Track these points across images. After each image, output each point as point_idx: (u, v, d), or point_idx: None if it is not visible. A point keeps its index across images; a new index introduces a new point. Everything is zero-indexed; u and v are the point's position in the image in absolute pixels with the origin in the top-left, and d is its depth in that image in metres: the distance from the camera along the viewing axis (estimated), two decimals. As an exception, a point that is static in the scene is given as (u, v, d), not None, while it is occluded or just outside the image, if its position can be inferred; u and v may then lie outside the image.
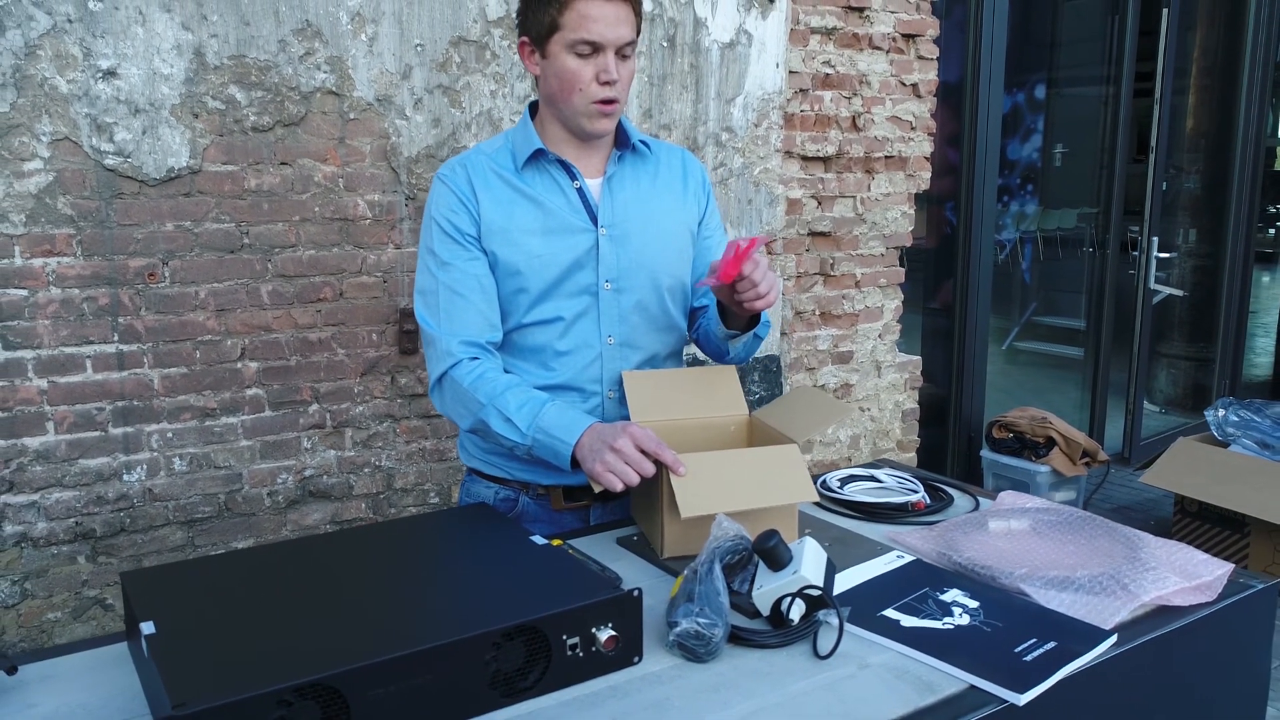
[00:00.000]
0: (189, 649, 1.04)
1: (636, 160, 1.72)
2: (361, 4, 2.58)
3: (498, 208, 1.62)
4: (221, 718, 0.91)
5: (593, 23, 1.51)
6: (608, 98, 1.56)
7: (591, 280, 1.65)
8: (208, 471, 2.62)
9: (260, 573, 1.29)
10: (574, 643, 1.13)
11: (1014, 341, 6.07)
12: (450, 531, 1.44)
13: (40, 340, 2.38)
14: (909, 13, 3.46)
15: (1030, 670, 1.20)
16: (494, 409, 1.54)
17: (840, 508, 1.75)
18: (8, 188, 2.28)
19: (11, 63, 2.24)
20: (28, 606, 2.44)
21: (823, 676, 1.18)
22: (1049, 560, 1.52)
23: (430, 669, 1.03)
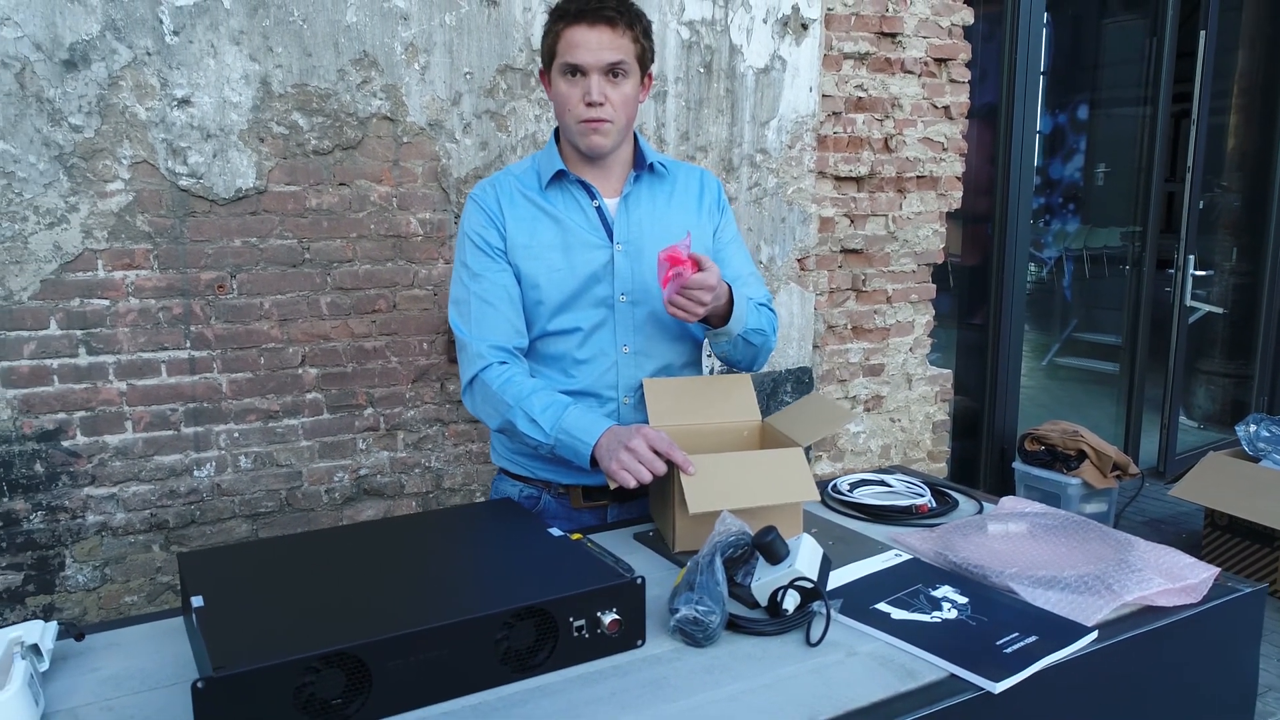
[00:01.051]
0: (231, 620, 1.17)
1: (653, 180, 1.83)
2: (415, 35, 2.76)
3: (522, 225, 1.75)
4: (255, 680, 1.04)
5: (575, 48, 1.64)
6: (591, 117, 1.67)
7: (608, 293, 1.76)
8: (270, 469, 2.81)
9: (300, 556, 1.43)
10: (580, 625, 1.24)
11: (1054, 357, 6.09)
12: (475, 523, 1.58)
13: (120, 346, 2.58)
14: (941, 37, 3.56)
15: (1008, 661, 1.28)
16: (520, 410, 1.65)
17: (847, 509, 1.86)
18: (92, 206, 2.50)
19: (96, 92, 2.46)
20: (107, 590, 2.65)
21: (811, 662, 1.28)
22: (1040, 561, 1.61)
23: (446, 643, 1.15)
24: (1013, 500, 1.89)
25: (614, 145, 1.74)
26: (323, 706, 1.09)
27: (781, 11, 3.26)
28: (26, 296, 2.46)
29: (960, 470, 4.42)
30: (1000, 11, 4.06)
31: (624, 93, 1.69)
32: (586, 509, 1.83)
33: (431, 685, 1.16)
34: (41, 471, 2.54)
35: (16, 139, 2.38)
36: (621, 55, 1.66)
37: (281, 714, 1.06)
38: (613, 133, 1.71)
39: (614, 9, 1.65)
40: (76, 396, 2.55)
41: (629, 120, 1.74)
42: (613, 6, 1.65)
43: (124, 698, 1.18)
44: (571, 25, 1.64)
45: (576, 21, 1.64)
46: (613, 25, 1.64)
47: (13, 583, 2.54)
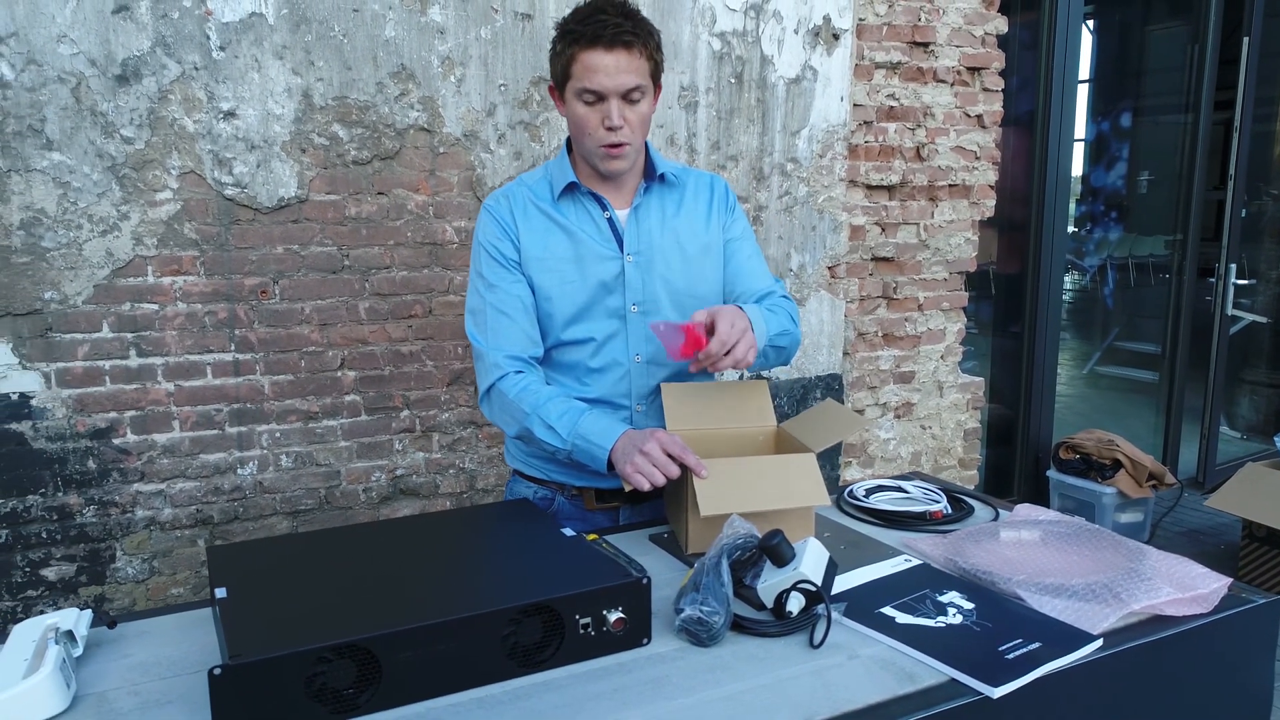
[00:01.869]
0: (251, 611, 1.23)
1: (664, 190, 1.84)
2: (451, 49, 2.84)
3: (535, 237, 1.77)
4: (269, 668, 1.10)
5: (594, 73, 1.63)
6: (613, 142, 1.68)
7: (620, 304, 1.79)
8: (310, 468, 2.91)
9: (321, 551, 1.49)
10: (586, 622, 1.29)
11: (1095, 366, 6.01)
12: (491, 522, 1.63)
13: (168, 349, 2.69)
14: (974, 46, 3.56)
15: (1009, 667, 1.29)
16: (537, 418, 1.69)
17: (862, 514, 1.89)
18: (142, 215, 2.61)
19: (147, 106, 2.57)
20: (155, 582, 2.76)
21: (813, 664, 1.31)
22: (1049, 568, 1.61)
23: (454, 637, 1.20)
24: (1027, 508, 1.90)
25: (631, 165, 1.76)
26: (334, 696, 1.15)
27: (813, 22, 3.29)
28: (81, 301, 2.57)
29: (994, 478, 4.40)
30: (1038, 19, 4.04)
31: (641, 113, 1.70)
32: (599, 510, 1.87)
33: (440, 678, 1.21)
34: (94, 468, 2.65)
35: (72, 150, 2.50)
36: (639, 79, 1.66)
37: (294, 702, 1.12)
38: (630, 154, 1.73)
39: (631, 31, 1.63)
40: (127, 396, 2.66)
41: (644, 137, 1.76)
42: (629, 29, 1.63)
43: (151, 683, 1.25)
44: (588, 49, 1.63)
45: (593, 45, 1.62)
46: (629, 48, 1.63)
47: (66, 574, 2.66)
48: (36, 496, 2.60)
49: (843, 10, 3.32)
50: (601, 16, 1.63)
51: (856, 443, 3.66)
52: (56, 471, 2.61)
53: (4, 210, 2.46)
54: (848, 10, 3.33)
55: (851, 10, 3.34)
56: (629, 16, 1.65)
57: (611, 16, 1.63)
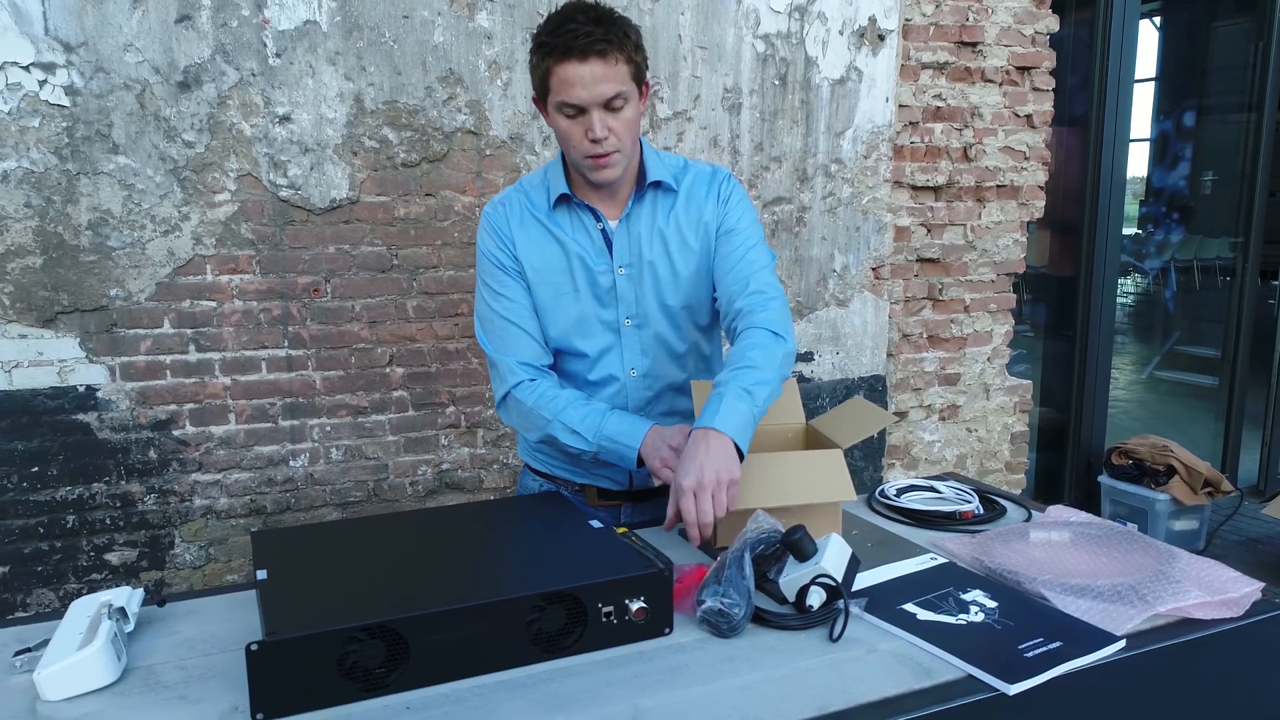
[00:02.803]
0: (289, 592, 1.29)
1: (657, 196, 1.76)
2: (498, 53, 2.91)
3: (532, 248, 1.74)
4: (302, 646, 1.16)
5: (570, 86, 1.54)
6: (598, 153, 1.60)
7: (614, 317, 1.76)
8: (359, 461, 3.00)
9: (359, 537, 1.55)
10: (608, 611, 1.33)
11: (1154, 370, 5.89)
12: (522, 513, 1.68)
13: (225, 344, 2.80)
14: (1024, 46, 3.52)
15: (1028, 665, 1.29)
16: (559, 423, 1.69)
17: (891, 513, 1.90)
18: (202, 216, 2.72)
19: (207, 111, 2.68)
20: (210, 569, 2.87)
21: (830, 657, 1.33)
22: (1076, 569, 1.61)
23: (480, 622, 1.24)
24: (1060, 509, 1.89)
25: (623, 172, 1.68)
26: (364, 674, 1.20)
27: (858, 23, 3.29)
28: (144, 298, 2.69)
29: (1044, 483, 4.34)
30: (1093, 17, 3.98)
31: (626, 118, 1.61)
32: (601, 508, 1.87)
33: (465, 660, 1.26)
34: (155, 458, 2.77)
35: (137, 154, 2.62)
36: (619, 86, 1.57)
37: (327, 678, 1.18)
38: (620, 161, 1.65)
39: (603, 38, 1.54)
40: (186, 390, 2.78)
41: (634, 142, 1.68)
42: (601, 36, 1.54)
43: (196, 659, 1.32)
44: (562, 61, 1.54)
45: (566, 57, 1.53)
46: (604, 56, 1.54)
47: (128, 559, 2.78)
48: (101, 484, 2.73)
49: (889, 11, 3.32)
50: (571, 26, 1.53)
51: (900, 444, 3.65)
52: (120, 461, 2.74)
53: (73, 211, 2.58)
54: (894, 11, 3.32)
55: (898, 11, 3.33)
56: (600, 22, 1.55)
57: (582, 25, 1.53)
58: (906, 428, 3.66)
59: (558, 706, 1.20)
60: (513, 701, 1.21)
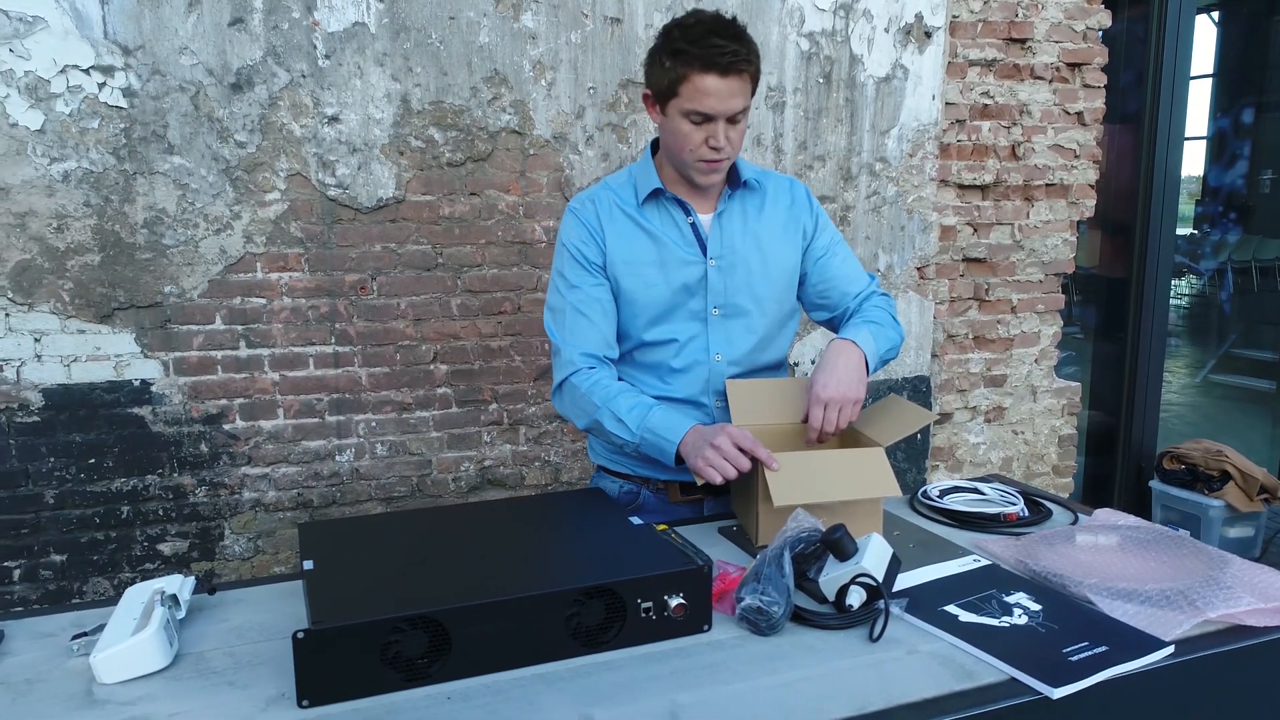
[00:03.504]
0: (334, 583, 1.32)
1: (747, 195, 1.88)
2: (542, 53, 2.93)
3: (621, 241, 1.82)
4: (347, 634, 1.18)
5: (706, 97, 1.65)
6: (713, 159, 1.72)
7: (701, 307, 1.84)
8: (403, 457, 3.04)
9: (403, 530, 1.58)
10: (647, 607, 1.33)
11: (1209, 374, 5.75)
12: (564, 509, 1.70)
13: (274, 340, 2.86)
14: (1075, 42, 3.46)
15: (1072, 669, 1.28)
16: (608, 410, 1.75)
17: (934, 514, 1.88)
18: (253, 214, 2.77)
19: (259, 112, 2.73)
20: (258, 560, 2.93)
21: (870, 657, 1.32)
22: (1124, 573, 1.58)
23: (520, 614, 1.26)
24: (1108, 513, 1.86)
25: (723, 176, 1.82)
26: (407, 664, 1.22)
27: (904, 20, 3.26)
28: (196, 294, 2.75)
29: (1093, 487, 4.27)
30: (1147, 12, 3.90)
31: (741, 130, 1.74)
32: (683, 503, 1.92)
33: (506, 652, 1.27)
34: (206, 451, 2.83)
35: (191, 154, 2.68)
36: (746, 101, 1.70)
37: (371, 667, 1.20)
38: (726, 167, 1.78)
39: (745, 58, 1.65)
40: (237, 385, 2.84)
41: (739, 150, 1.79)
42: (744, 56, 1.65)
43: (245, 646, 1.35)
44: (702, 74, 1.64)
45: (707, 70, 1.63)
46: (740, 75, 1.65)
47: (179, 549, 2.85)
48: (155, 476, 2.80)
49: (935, 8, 3.28)
50: (717, 41, 1.63)
51: (944, 446, 3.61)
52: (173, 454, 2.80)
53: (130, 210, 2.65)
54: (941, 8, 3.29)
55: (945, 8, 3.30)
56: (740, 40, 1.66)
57: (728, 43, 1.63)
58: (951, 429, 3.62)
59: (596, 700, 1.21)
60: (551, 694, 1.22)
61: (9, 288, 2.59)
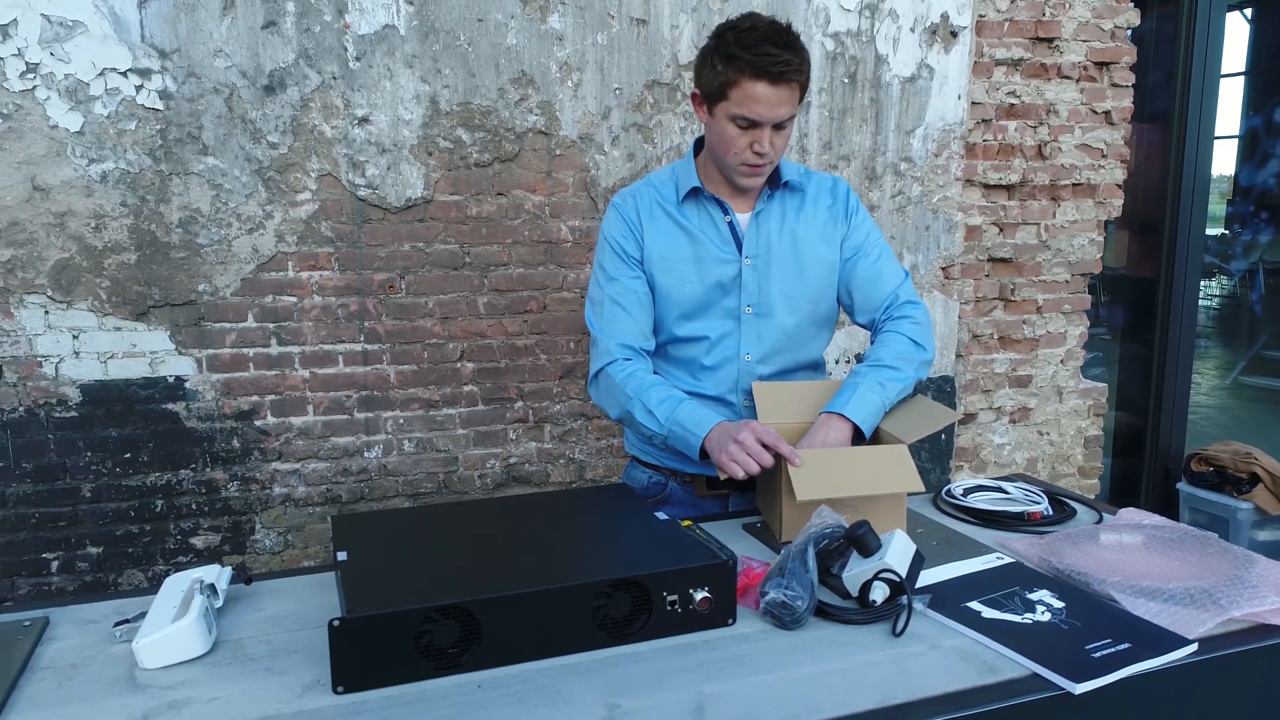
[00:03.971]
0: (368, 573, 1.35)
1: (786, 196, 1.90)
2: (569, 55, 2.96)
3: (659, 238, 1.87)
4: (381, 623, 1.21)
5: (755, 103, 1.68)
6: (756, 163, 1.75)
7: (735, 305, 1.87)
8: (430, 454, 3.07)
9: (433, 523, 1.62)
10: (673, 599, 1.36)
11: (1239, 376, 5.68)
12: (590, 504, 1.72)
13: (305, 338, 2.90)
14: (1103, 41, 3.45)
15: (1095, 665, 1.28)
16: (639, 402, 1.79)
17: (958, 513, 1.89)
18: (284, 214, 2.82)
19: (290, 114, 2.78)
20: (288, 554, 2.98)
21: (893, 651, 1.34)
22: (1147, 571, 1.58)
23: (549, 606, 1.29)
24: (1132, 512, 1.86)
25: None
26: (438, 653, 1.25)
27: (930, 20, 3.26)
28: (229, 293, 2.80)
29: (1120, 489, 4.24)
30: (1177, 10, 3.87)
31: (786, 136, 1.76)
32: (710, 497, 1.95)
33: (535, 642, 1.30)
34: (238, 447, 2.89)
35: (225, 155, 2.73)
36: (793, 109, 1.72)
37: (404, 655, 1.23)
38: (768, 171, 1.81)
39: (797, 69, 1.67)
40: (268, 382, 2.88)
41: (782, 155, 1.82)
42: (796, 66, 1.67)
43: (281, 634, 1.39)
44: (753, 80, 1.66)
45: (758, 78, 1.66)
46: (790, 83, 1.68)
47: (212, 542, 2.90)
48: (188, 471, 2.85)
49: (962, 8, 3.28)
50: (771, 50, 1.65)
51: (969, 446, 3.61)
52: (205, 449, 2.86)
53: (165, 210, 2.71)
54: (967, 7, 3.29)
55: (971, 7, 3.29)
56: (793, 49, 1.68)
57: (781, 51, 1.65)
58: (975, 430, 3.61)
59: (623, 690, 1.23)
60: (579, 683, 1.25)
61: (49, 286, 2.65)
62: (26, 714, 1.17)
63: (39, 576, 2.78)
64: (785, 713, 1.18)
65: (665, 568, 1.37)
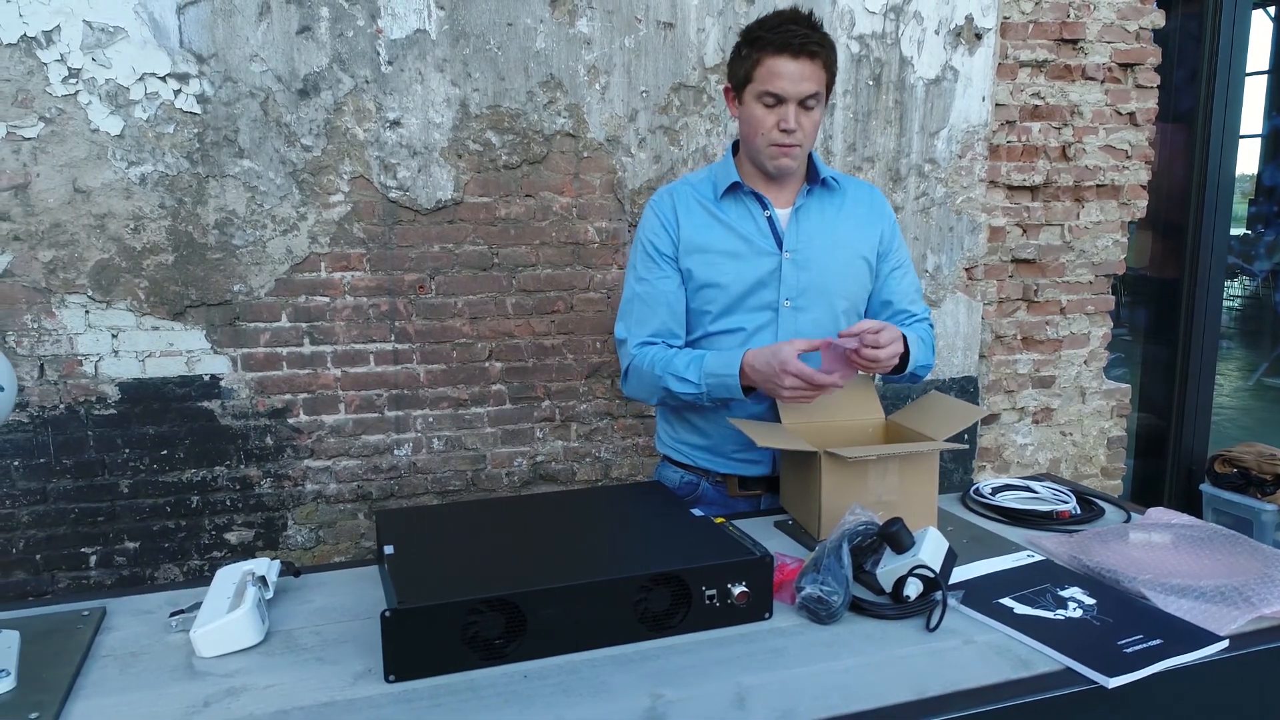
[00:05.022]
0: (415, 566, 1.39)
1: (825, 194, 1.94)
2: (596, 58, 2.99)
3: (696, 230, 1.90)
4: (431, 614, 1.25)
5: (777, 78, 1.75)
6: (784, 142, 1.80)
7: (773, 298, 1.90)
8: (459, 452, 3.12)
9: (475, 518, 1.65)
10: (711, 594, 1.39)
11: (1262, 377, 5.66)
12: (627, 500, 1.76)
13: (337, 337, 2.95)
14: (1127, 42, 3.45)
15: (1127, 660, 1.31)
16: (669, 375, 1.84)
17: (987, 511, 1.91)
18: (318, 216, 2.87)
19: (324, 117, 2.82)
20: (319, 550, 3.03)
21: (928, 646, 1.37)
22: (1178, 569, 1.60)
23: (591, 599, 1.33)
24: (1160, 511, 1.88)
25: (798, 166, 1.88)
26: (486, 643, 1.29)
27: (954, 22, 3.28)
28: (264, 293, 2.85)
29: (1142, 490, 4.24)
30: (1201, 10, 3.87)
31: (814, 119, 1.82)
32: (741, 497, 1.98)
33: (578, 634, 1.34)
34: (271, 444, 2.93)
35: (260, 158, 2.78)
36: (818, 87, 1.78)
37: (452, 646, 1.27)
38: (800, 155, 1.85)
39: (818, 43, 1.76)
40: (301, 380, 2.93)
41: (814, 142, 1.88)
42: (816, 40, 1.76)
43: (329, 625, 1.43)
44: (775, 56, 1.74)
45: (780, 52, 1.74)
46: (814, 58, 1.75)
47: (245, 538, 2.95)
48: (222, 468, 2.90)
49: (986, 9, 3.30)
50: (792, 26, 1.75)
51: (991, 447, 3.62)
52: (240, 446, 2.91)
53: (202, 212, 2.76)
54: (992, 9, 3.30)
55: (996, 9, 3.31)
56: (815, 29, 1.77)
57: (801, 27, 1.75)
58: (998, 430, 3.62)
59: (666, 681, 1.26)
60: (622, 674, 1.28)
61: (89, 286, 2.71)
62: (92, 699, 1.22)
63: (78, 570, 2.84)
64: (824, 703, 1.21)
65: (703, 563, 1.40)
